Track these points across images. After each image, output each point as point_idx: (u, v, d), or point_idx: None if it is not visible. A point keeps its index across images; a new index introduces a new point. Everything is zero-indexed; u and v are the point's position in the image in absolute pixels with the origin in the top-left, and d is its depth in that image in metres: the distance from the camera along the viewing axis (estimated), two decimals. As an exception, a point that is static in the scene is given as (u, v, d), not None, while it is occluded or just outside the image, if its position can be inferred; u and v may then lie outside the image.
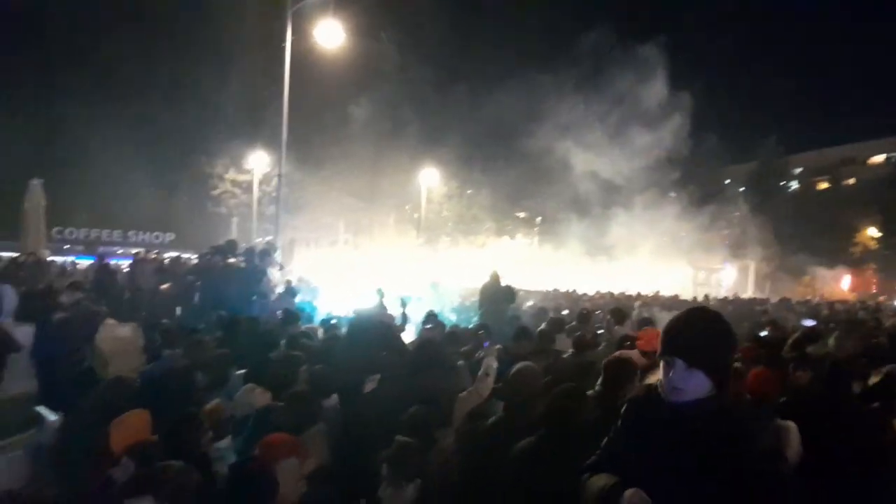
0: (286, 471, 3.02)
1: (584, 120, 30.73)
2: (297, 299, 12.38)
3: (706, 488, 2.23)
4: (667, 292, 23.42)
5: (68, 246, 29.53)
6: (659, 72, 30.78)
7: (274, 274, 12.70)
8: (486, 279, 12.22)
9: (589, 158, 30.88)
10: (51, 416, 4.97)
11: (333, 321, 8.43)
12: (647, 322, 9.00)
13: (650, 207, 31.75)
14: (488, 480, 3.69)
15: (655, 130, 31.04)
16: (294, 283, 13.86)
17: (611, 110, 31.02)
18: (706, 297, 22.69)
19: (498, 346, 6.80)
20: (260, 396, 4.55)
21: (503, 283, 12.05)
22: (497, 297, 11.85)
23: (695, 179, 36.42)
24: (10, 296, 11.00)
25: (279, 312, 9.27)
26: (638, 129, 30.99)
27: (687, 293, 25.63)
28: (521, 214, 43.32)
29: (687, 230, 32.17)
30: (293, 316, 8.28)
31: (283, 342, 6.75)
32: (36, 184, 16.72)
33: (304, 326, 8.55)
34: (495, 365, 5.30)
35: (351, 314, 9.19)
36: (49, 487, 4.09)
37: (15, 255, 16.41)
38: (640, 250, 31.38)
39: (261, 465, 3.03)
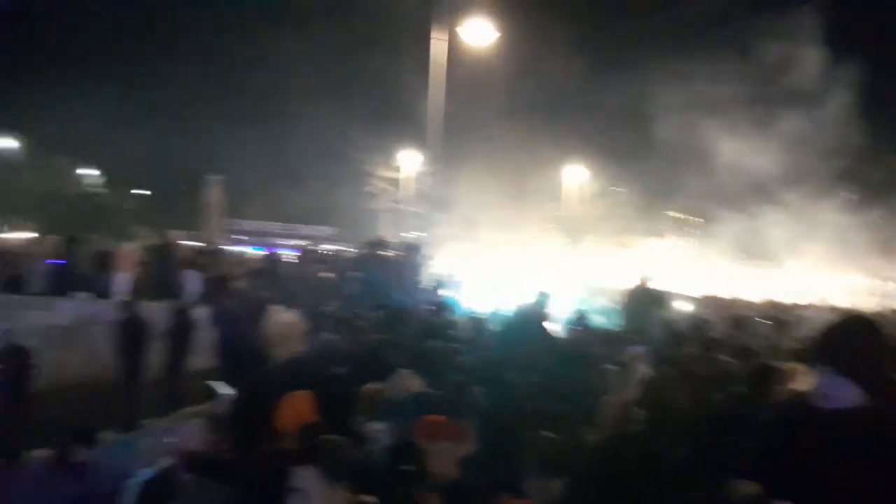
0: (441, 452, 3.15)
1: (739, 107, 28.38)
2: (442, 292, 12.76)
3: (853, 497, 2.17)
4: (838, 302, 21.28)
5: (241, 237, 32.50)
6: (825, 46, 27.58)
7: (423, 267, 13.18)
8: (634, 282, 11.90)
9: (745, 150, 28.50)
10: (226, 390, 5.53)
11: (481, 315, 8.61)
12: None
13: (816, 205, 28.77)
14: (634, 485, 3.63)
15: (821, 115, 27.89)
16: (440, 277, 14.28)
17: (770, 94, 28.37)
18: (893, 311, 20.23)
19: (645, 350, 6.62)
20: (414, 382, 4.76)
21: (652, 287, 11.67)
22: (645, 300, 11.49)
23: (869, 172, 32.47)
24: (195, 281, 12.34)
25: (429, 304, 9.61)
26: (800, 115, 28.00)
27: (861, 304, 23.09)
28: (674, 213, 41.33)
29: (859, 232, 28.73)
30: (444, 307, 8.57)
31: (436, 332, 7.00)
32: (214, 180, 18.50)
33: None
34: (643, 369, 5.19)
35: (510, 309, 9.27)
36: (225, 453, 4.59)
37: (197, 244, 18.32)
38: (806, 253, 28.63)
39: (416, 446, 3.20)
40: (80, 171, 35.72)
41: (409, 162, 33.99)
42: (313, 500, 2.90)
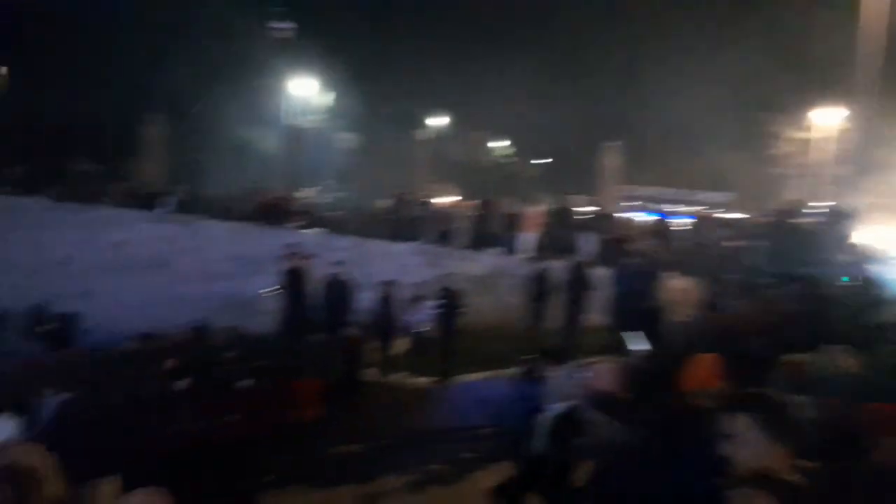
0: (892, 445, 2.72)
1: None
2: (871, 267, 10.85)
3: None
4: None
5: (634, 203, 32.61)
6: None
7: (847, 238, 11.42)
8: None
9: None
10: (639, 344, 5.67)
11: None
12: None
13: None
14: None
15: None
16: (867, 250, 12.15)
17: None
18: None
19: None
20: (847, 360, 4.21)
21: None
22: None
23: None
24: (592, 243, 12.87)
25: (854, 279, 8.31)
26: None
27: None
28: None
29: None
30: (873, 283, 7.33)
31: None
32: (612, 146, 18.86)
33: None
34: None
35: None
36: (633, 399, 4.73)
37: (592, 209, 19.02)
38: None
39: (856, 431, 2.82)
40: (492, 143, 40.52)
41: (824, 120, 29.54)
42: (747, 447, 2.77)
